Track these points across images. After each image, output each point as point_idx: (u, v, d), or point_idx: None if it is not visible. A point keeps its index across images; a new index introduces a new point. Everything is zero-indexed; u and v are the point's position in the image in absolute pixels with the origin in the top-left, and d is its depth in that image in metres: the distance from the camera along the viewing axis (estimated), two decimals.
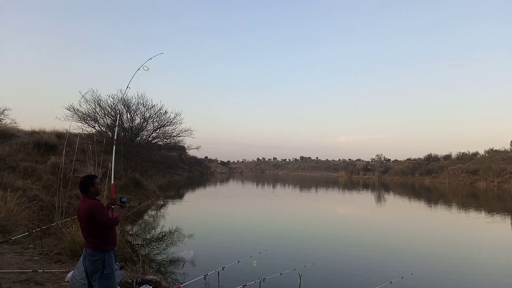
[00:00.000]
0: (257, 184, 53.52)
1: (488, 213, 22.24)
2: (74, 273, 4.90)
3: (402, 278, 7.11)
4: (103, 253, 3.86)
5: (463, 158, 75.56)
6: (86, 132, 23.90)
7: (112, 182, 4.97)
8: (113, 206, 4.31)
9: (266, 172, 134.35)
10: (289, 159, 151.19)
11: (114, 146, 5.43)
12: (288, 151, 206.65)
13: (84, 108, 23.64)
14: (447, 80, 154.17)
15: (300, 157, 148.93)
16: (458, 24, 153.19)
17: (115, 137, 6.78)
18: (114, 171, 5.24)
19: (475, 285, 8.09)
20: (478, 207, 26.03)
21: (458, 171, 67.65)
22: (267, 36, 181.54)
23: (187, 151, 42.91)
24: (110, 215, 4.13)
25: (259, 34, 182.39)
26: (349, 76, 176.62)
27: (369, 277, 8.21)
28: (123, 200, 4.28)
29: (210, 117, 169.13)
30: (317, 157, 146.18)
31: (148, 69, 6.09)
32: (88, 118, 23.90)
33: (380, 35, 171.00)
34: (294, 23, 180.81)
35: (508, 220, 19.48)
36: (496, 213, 22.06)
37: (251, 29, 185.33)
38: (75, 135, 22.15)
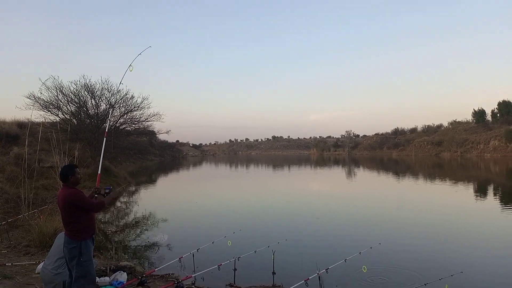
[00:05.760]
0: (230, 166, 53.58)
1: (453, 182, 23.35)
2: (45, 263, 4.83)
3: (371, 248, 7.39)
4: (79, 241, 3.96)
5: (428, 130, 78.34)
6: (49, 120, 23.01)
7: (99, 173, 4.99)
8: (96, 195, 4.42)
9: (239, 153, 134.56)
10: (261, 139, 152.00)
11: (105, 139, 5.44)
12: (260, 130, 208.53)
13: (46, 95, 22.64)
14: (410, 56, 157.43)
15: (272, 136, 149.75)
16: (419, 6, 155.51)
17: (106, 130, 6.67)
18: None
19: (441, 252, 8.54)
20: (443, 176, 27.25)
21: (424, 143, 70.27)
22: (243, 23, 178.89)
23: (157, 135, 42.18)
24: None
25: (235, 21, 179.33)
26: (319, 56, 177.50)
27: (339, 249, 8.50)
28: (106, 190, 4.45)
29: (180, 100, 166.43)
30: (289, 136, 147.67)
31: (132, 69, 6.09)
32: (51, 106, 22.96)
33: (346, 17, 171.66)
34: (266, 12, 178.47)
35: (470, 188, 20.55)
36: (460, 182, 23.20)
37: (228, 16, 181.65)
38: (38, 124, 21.24)
